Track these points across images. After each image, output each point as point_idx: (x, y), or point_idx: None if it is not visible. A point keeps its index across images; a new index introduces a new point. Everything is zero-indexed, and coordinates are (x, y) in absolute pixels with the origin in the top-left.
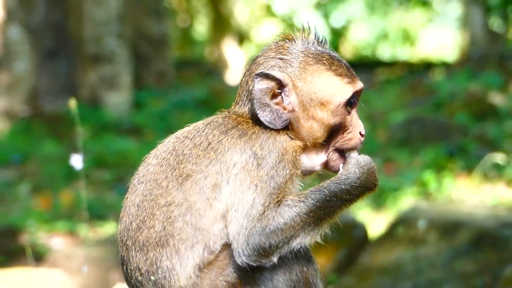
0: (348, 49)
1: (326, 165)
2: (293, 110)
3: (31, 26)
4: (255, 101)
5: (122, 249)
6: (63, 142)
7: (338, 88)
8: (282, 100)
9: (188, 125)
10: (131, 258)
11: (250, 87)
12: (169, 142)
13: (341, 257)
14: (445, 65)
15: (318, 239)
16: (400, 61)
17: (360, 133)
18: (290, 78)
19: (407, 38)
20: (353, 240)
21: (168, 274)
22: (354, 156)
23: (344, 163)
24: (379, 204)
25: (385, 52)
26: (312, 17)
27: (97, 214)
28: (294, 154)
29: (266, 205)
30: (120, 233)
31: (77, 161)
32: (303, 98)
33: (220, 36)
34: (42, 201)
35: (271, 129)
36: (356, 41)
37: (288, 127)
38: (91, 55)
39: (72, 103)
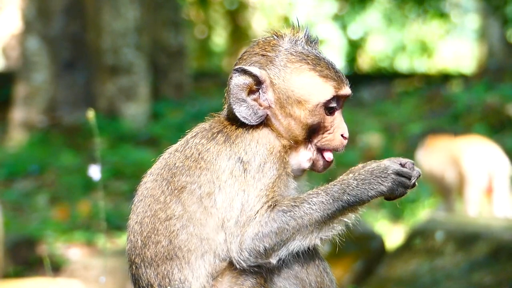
0: (365, 60)
1: (312, 165)
2: (269, 107)
3: (49, 37)
4: (231, 96)
5: (132, 268)
6: (81, 153)
7: (318, 88)
8: (259, 96)
9: (180, 140)
10: (142, 275)
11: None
12: (162, 158)
13: (359, 268)
14: (463, 77)
15: (319, 242)
16: (417, 73)
17: (342, 135)
18: (268, 75)
19: (424, 50)
20: (370, 251)
21: (181, 286)
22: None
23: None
24: (396, 215)
25: (402, 64)
26: (330, 28)
27: (115, 225)
28: (279, 154)
29: (257, 209)
30: (128, 253)
31: (95, 171)
32: (280, 95)
33: (237, 47)
34: (60, 211)
35: (254, 130)
36: (374, 53)
37: (267, 124)
38: (109, 66)
39: (90, 114)
